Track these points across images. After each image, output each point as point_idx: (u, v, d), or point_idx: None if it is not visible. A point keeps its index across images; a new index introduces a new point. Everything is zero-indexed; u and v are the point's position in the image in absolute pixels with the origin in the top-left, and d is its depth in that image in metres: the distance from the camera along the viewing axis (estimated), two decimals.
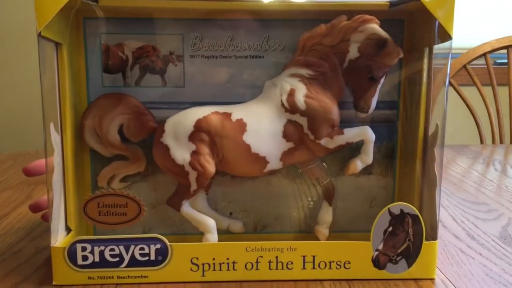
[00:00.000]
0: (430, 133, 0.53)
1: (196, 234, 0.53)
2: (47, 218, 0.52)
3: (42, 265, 0.53)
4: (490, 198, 0.81)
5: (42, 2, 0.45)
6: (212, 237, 0.52)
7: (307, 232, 0.57)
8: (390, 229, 0.50)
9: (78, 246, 0.49)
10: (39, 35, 0.46)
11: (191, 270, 0.50)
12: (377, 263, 0.50)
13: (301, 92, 0.51)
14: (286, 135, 0.52)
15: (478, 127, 1.45)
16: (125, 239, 0.49)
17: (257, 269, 0.50)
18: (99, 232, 0.55)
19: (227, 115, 0.52)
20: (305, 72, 0.51)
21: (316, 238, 0.56)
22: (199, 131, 0.51)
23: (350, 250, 0.50)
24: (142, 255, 0.50)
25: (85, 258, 0.49)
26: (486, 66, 1.47)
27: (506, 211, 0.74)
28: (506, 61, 1.50)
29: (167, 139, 0.51)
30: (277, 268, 0.50)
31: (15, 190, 0.84)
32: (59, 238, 0.51)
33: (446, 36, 0.48)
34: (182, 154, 0.51)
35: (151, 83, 0.54)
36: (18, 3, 1.64)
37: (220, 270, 0.50)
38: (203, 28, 0.53)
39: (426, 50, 0.52)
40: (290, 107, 0.51)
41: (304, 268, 0.50)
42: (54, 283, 0.49)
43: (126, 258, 0.49)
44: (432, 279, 0.51)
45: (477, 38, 1.56)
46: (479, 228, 0.66)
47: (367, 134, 0.52)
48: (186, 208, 0.53)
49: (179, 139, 0.51)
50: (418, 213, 0.50)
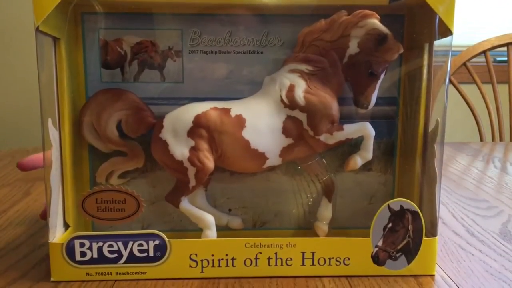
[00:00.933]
0: (430, 129, 0.52)
1: (195, 230, 0.53)
2: (45, 216, 0.52)
3: (40, 261, 0.53)
4: (490, 195, 0.81)
5: None
6: (211, 233, 0.52)
7: (307, 228, 0.57)
8: (390, 225, 0.50)
9: (76, 242, 0.49)
10: (37, 30, 0.46)
11: (190, 266, 0.50)
12: (376, 260, 0.50)
13: (300, 87, 0.51)
14: (285, 131, 0.51)
15: (478, 125, 1.45)
16: (123, 235, 0.49)
17: (256, 265, 0.50)
18: (98, 228, 0.55)
19: (226, 111, 0.51)
20: (304, 67, 0.51)
21: (315, 235, 0.55)
22: (198, 127, 0.50)
23: (350, 246, 0.50)
24: (140, 251, 0.49)
25: (83, 254, 0.49)
26: (486, 63, 1.47)
27: (506, 208, 0.74)
28: (506, 58, 1.50)
29: (166, 135, 0.51)
30: (276, 264, 0.50)
31: (13, 187, 0.84)
32: (57, 234, 0.51)
33: (446, 31, 0.48)
34: (181, 150, 0.51)
35: (150, 79, 0.53)
36: None
37: (219, 266, 0.50)
38: (202, 23, 0.53)
39: (427, 46, 0.52)
40: (290, 103, 0.51)
41: (303, 264, 0.50)
42: (52, 279, 0.49)
43: (125, 254, 0.49)
44: (431, 276, 0.51)
45: (477, 35, 1.56)
46: (479, 224, 0.66)
47: (367, 130, 0.52)
48: (185, 204, 0.53)
49: (178, 135, 0.51)
50: (418, 209, 0.50)
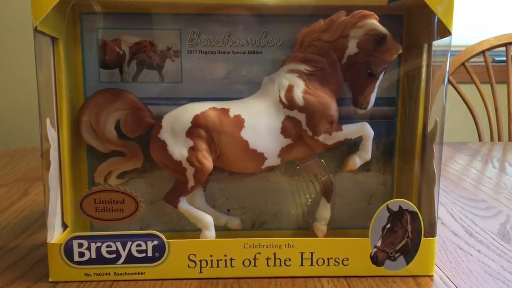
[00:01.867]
0: (429, 129, 0.52)
1: (193, 230, 0.53)
2: None
3: (38, 261, 0.53)
4: (488, 195, 0.81)
5: None
6: (209, 233, 0.52)
7: (305, 228, 0.57)
8: (389, 225, 0.50)
9: (75, 243, 0.49)
10: (35, 30, 0.45)
11: (189, 266, 0.50)
12: (375, 260, 0.50)
13: (299, 88, 0.51)
14: (284, 131, 0.51)
15: (477, 125, 1.45)
16: (122, 236, 0.49)
17: (255, 265, 0.50)
18: (96, 228, 0.55)
19: (225, 111, 0.51)
20: (303, 68, 0.51)
21: (314, 235, 0.55)
22: (197, 127, 0.50)
23: (348, 246, 0.50)
24: (139, 252, 0.49)
25: (81, 254, 0.49)
26: (484, 63, 1.47)
27: (505, 208, 0.74)
28: (504, 58, 1.50)
29: (165, 135, 0.51)
30: (275, 265, 0.50)
31: (12, 187, 0.84)
32: (56, 235, 0.51)
33: (445, 31, 0.48)
34: (179, 150, 0.50)
35: (149, 79, 0.53)
36: None
37: (217, 266, 0.50)
38: (201, 23, 0.53)
39: (425, 46, 0.52)
40: (288, 103, 0.51)
41: (302, 264, 0.50)
42: (50, 280, 0.49)
43: (123, 254, 0.49)
44: (430, 276, 0.51)
45: (475, 35, 1.56)
46: (478, 225, 0.66)
47: (366, 130, 0.52)
48: (184, 204, 0.52)
49: (177, 135, 0.51)
50: (416, 209, 0.50)
